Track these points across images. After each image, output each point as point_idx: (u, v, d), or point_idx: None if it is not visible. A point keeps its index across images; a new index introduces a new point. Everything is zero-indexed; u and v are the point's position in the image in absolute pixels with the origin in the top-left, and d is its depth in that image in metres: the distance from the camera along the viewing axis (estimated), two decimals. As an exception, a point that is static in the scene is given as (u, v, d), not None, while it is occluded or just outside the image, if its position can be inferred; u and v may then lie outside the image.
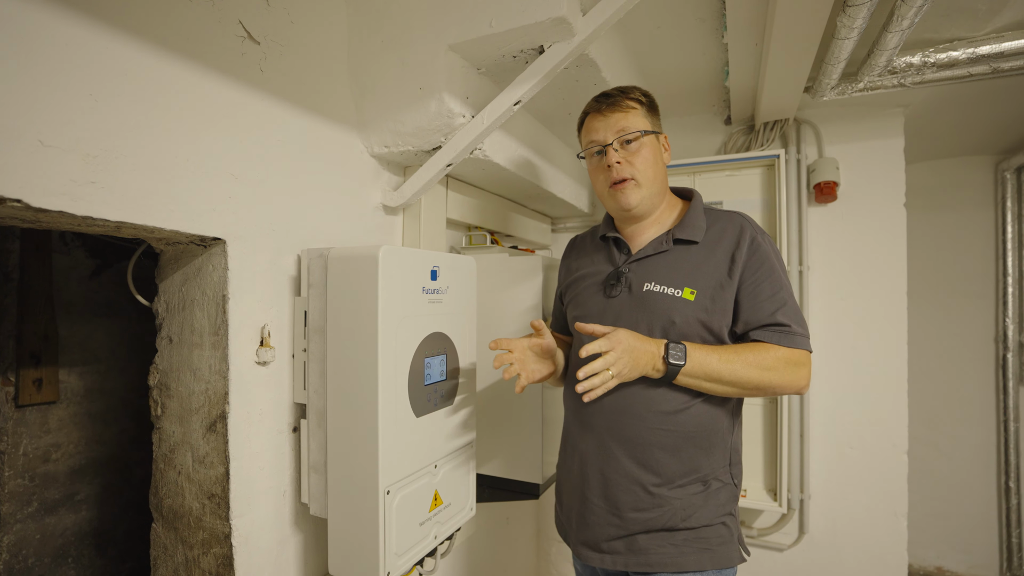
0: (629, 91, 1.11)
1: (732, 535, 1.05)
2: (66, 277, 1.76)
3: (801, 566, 2.04)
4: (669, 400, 1.02)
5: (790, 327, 1.00)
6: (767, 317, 1.00)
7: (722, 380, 0.97)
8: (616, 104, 1.09)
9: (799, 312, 1.03)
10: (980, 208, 2.83)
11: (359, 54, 1.29)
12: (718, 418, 1.05)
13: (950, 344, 2.90)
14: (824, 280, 2.04)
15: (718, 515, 1.04)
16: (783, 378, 0.98)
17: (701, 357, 0.96)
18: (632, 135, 1.08)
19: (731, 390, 0.99)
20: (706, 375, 0.96)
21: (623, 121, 1.08)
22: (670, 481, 1.03)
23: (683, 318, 1.01)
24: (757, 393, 1.00)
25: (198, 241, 0.99)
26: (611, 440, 1.06)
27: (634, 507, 1.03)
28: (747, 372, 0.96)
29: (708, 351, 0.97)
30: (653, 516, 1.02)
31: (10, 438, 1.60)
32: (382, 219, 1.40)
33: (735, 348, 0.99)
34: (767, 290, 1.01)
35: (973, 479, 2.81)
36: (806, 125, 2.04)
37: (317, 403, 1.08)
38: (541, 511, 2.49)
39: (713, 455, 1.05)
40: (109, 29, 0.80)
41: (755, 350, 0.98)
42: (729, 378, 0.97)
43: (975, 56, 1.49)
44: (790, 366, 0.98)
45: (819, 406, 2.03)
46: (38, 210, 0.73)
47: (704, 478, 1.04)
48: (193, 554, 1.04)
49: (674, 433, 1.02)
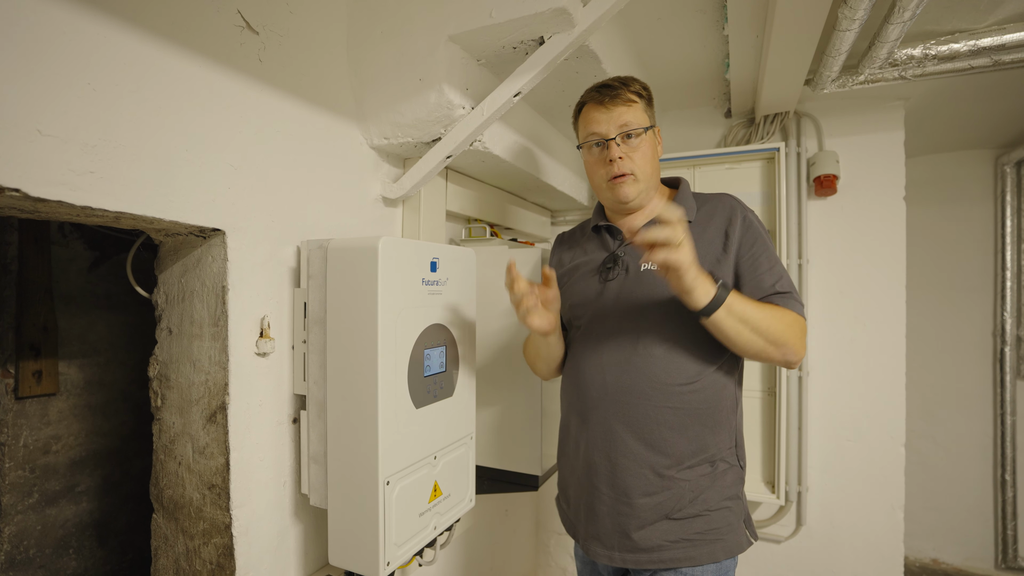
0: (630, 83, 1.10)
1: (739, 519, 1.07)
2: (65, 269, 1.76)
3: (799, 558, 2.06)
4: (679, 371, 1.03)
5: (797, 297, 1.03)
6: (771, 287, 1.02)
7: (751, 324, 0.95)
8: (619, 97, 1.08)
9: (794, 288, 1.05)
10: (979, 202, 2.83)
11: (358, 45, 1.28)
12: (724, 394, 1.06)
13: (948, 338, 2.90)
14: (823, 273, 2.04)
15: (724, 497, 1.05)
16: (796, 340, 0.98)
17: (739, 298, 0.95)
18: (635, 131, 1.08)
19: (755, 339, 0.96)
20: (742, 315, 0.94)
21: (626, 115, 1.08)
22: (679, 462, 1.03)
23: None
24: (771, 351, 0.97)
25: (197, 232, 0.99)
26: (617, 423, 1.06)
27: (644, 491, 1.03)
28: (774, 324, 0.96)
29: (745, 298, 0.96)
30: (662, 500, 1.03)
31: (10, 430, 1.60)
32: (381, 211, 1.40)
33: (762, 303, 0.98)
34: (765, 263, 1.04)
35: (969, 472, 2.83)
36: (806, 118, 2.03)
37: (317, 394, 1.08)
38: (540, 503, 2.50)
39: (719, 434, 1.06)
40: (107, 18, 0.80)
41: (777, 308, 0.99)
42: (758, 324, 0.95)
43: (976, 48, 1.49)
44: (799, 330, 1.00)
45: (817, 398, 2.04)
46: (37, 200, 0.73)
47: (712, 459, 1.05)
48: (194, 544, 1.05)
49: (680, 411, 1.03)
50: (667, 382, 1.03)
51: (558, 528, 2.45)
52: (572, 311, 1.18)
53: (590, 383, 1.10)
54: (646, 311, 1.06)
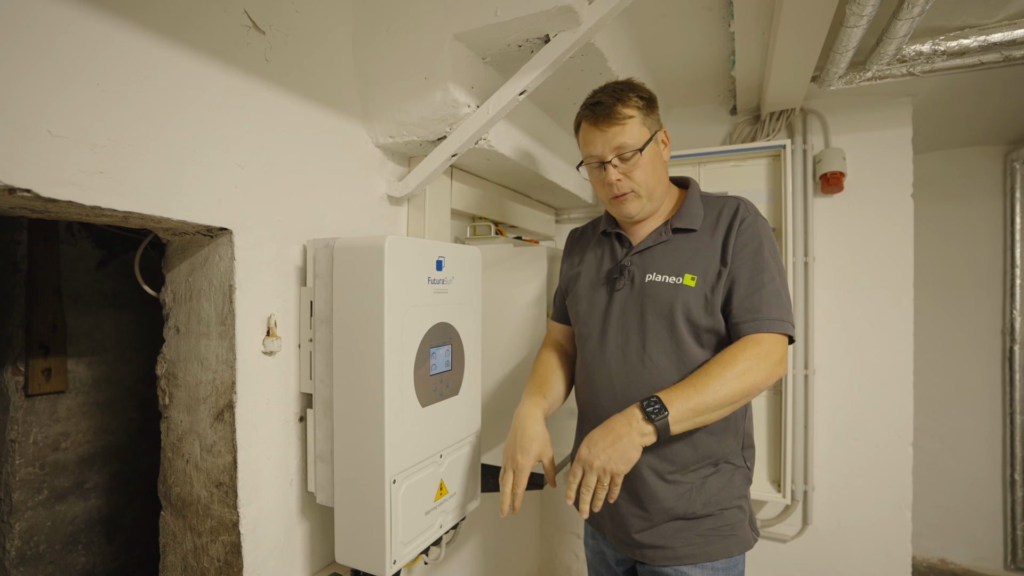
0: (624, 97, 1.05)
1: (746, 517, 1.10)
2: (73, 268, 1.77)
3: (804, 558, 2.05)
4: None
5: (766, 313, 0.98)
6: (739, 307, 1.00)
7: (711, 408, 0.93)
8: (612, 118, 1.05)
9: (778, 294, 1.01)
10: (988, 199, 2.81)
11: (364, 44, 1.28)
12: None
13: (956, 336, 2.88)
14: (830, 271, 2.03)
15: (735, 497, 1.08)
16: (760, 375, 0.95)
17: (679, 398, 0.93)
18: (630, 152, 1.05)
19: (725, 411, 0.96)
20: (694, 411, 0.93)
21: (620, 137, 1.05)
22: (684, 467, 1.06)
23: (685, 305, 1.03)
24: (747, 399, 0.97)
25: (204, 231, 0.99)
26: None
27: (653, 497, 1.06)
28: (727, 388, 0.93)
29: (684, 388, 0.94)
30: (673, 503, 1.05)
31: (20, 427, 1.61)
32: (387, 209, 1.40)
33: (705, 370, 0.96)
34: (746, 274, 1.01)
35: (978, 471, 2.81)
36: (812, 115, 2.02)
37: (323, 393, 1.09)
38: (545, 501, 2.50)
39: (725, 440, 1.08)
40: (115, 18, 0.80)
41: (723, 361, 0.96)
42: (715, 403, 0.93)
43: (987, 44, 1.47)
44: (761, 359, 0.96)
45: (824, 397, 2.03)
46: (47, 200, 0.73)
47: (715, 461, 1.07)
48: (201, 542, 1.06)
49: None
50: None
51: (563, 526, 2.45)
52: (580, 320, 1.19)
53: (601, 393, 1.11)
54: (651, 322, 1.06)
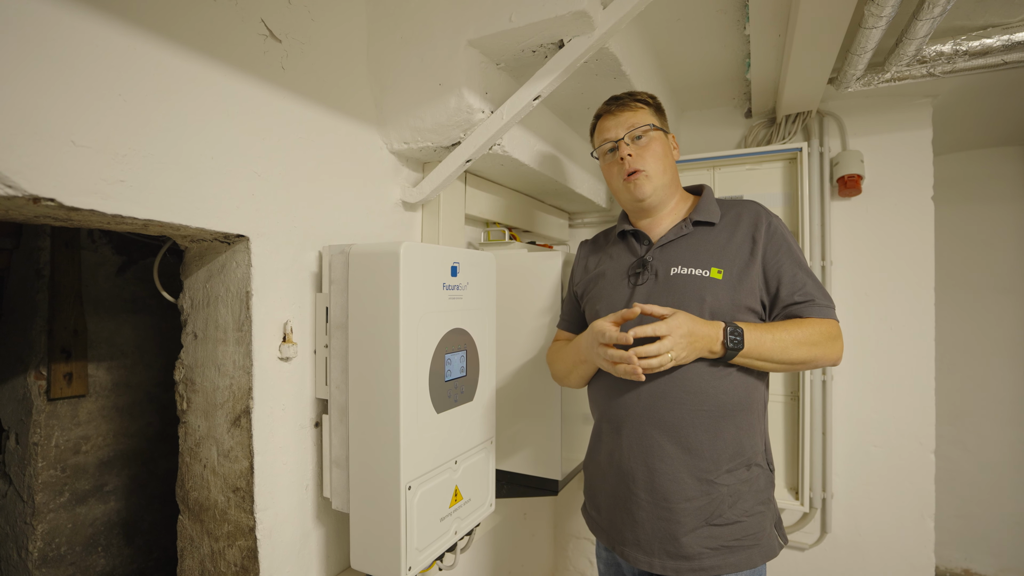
0: (636, 93, 1.19)
1: (771, 523, 1.08)
2: (93, 274, 1.80)
3: (823, 566, 2.01)
4: (711, 374, 1.03)
5: (821, 300, 1.05)
6: (798, 293, 1.05)
7: (773, 359, 1.00)
8: (625, 103, 1.17)
9: (822, 286, 1.08)
10: (1011, 200, 2.75)
11: (378, 51, 1.29)
12: (755, 396, 1.08)
13: (978, 340, 2.82)
14: (848, 275, 2.00)
15: (758, 501, 1.06)
16: (826, 352, 1.02)
17: (756, 339, 0.99)
18: (641, 129, 1.14)
19: (780, 367, 1.03)
20: (760, 355, 0.99)
21: (632, 118, 1.15)
22: (717, 466, 1.03)
23: (714, 297, 1.04)
24: (801, 368, 1.05)
25: (222, 238, 1.00)
26: (653, 429, 1.05)
27: (683, 496, 1.03)
28: (797, 350, 1.00)
29: (762, 332, 1.00)
30: (702, 504, 1.03)
31: (43, 430, 1.64)
32: (401, 215, 1.41)
33: (784, 326, 1.02)
34: (788, 271, 1.06)
35: (1002, 479, 2.74)
36: (829, 117, 1.99)
37: (339, 399, 1.09)
38: (559, 507, 2.49)
39: (753, 436, 1.07)
40: (136, 30, 0.81)
41: (801, 326, 1.02)
42: (780, 357, 1.00)
43: (1011, 43, 1.44)
44: (830, 339, 1.03)
45: (843, 403, 2.00)
46: (71, 209, 0.74)
47: (748, 462, 1.06)
48: (219, 546, 1.06)
49: (714, 413, 1.03)
50: (699, 385, 1.03)
51: (576, 532, 2.44)
52: (600, 316, 1.16)
53: (623, 390, 1.09)
54: None
